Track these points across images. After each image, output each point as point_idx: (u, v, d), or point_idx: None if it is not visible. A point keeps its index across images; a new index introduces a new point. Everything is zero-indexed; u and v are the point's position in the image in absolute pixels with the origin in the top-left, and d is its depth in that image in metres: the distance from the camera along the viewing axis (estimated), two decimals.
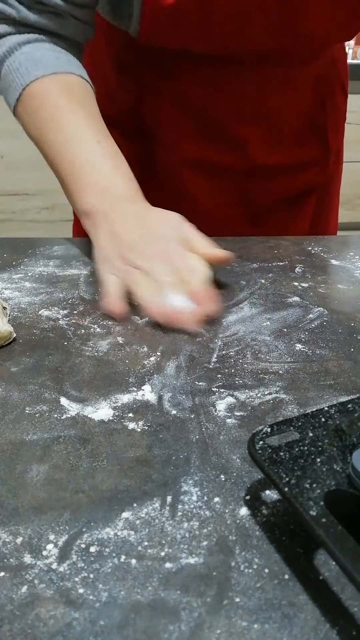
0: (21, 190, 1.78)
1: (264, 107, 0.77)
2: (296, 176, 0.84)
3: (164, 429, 0.40)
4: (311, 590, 0.29)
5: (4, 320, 0.51)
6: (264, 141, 0.79)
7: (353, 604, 0.28)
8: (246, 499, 0.34)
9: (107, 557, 0.31)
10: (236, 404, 0.43)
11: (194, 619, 0.27)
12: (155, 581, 0.29)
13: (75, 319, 0.55)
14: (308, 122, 0.81)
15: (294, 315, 0.56)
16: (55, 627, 0.27)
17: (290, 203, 0.87)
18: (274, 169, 0.82)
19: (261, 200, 0.84)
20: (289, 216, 0.87)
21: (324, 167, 0.86)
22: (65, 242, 0.73)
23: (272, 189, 0.84)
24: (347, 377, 0.46)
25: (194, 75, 0.73)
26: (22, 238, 0.74)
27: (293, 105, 0.78)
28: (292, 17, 0.65)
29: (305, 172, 0.85)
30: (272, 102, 0.76)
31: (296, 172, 0.84)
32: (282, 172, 0.83)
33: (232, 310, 0.56)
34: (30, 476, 0.36)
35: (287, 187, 0.85)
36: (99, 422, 0.41)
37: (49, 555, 0.31)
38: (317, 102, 0.80)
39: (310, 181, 0.86)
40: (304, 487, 0.30)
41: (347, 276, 0.64)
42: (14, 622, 0.27)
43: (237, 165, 0.80)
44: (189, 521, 0.33)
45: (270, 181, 0.83)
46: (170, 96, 0.76)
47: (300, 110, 0.79)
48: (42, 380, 0.45)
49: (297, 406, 0.43)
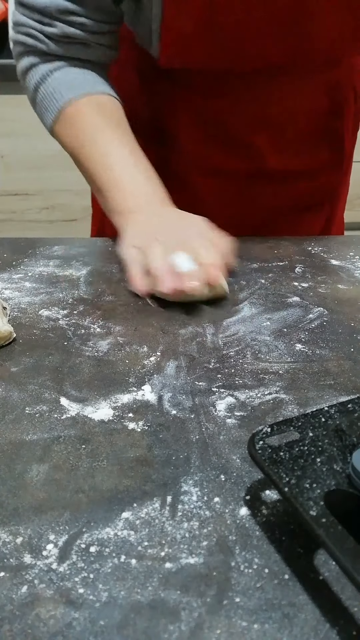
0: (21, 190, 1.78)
1: (277, 115, 0.77)
2: (310, 181, 0.85)
3: (164, 429, 0.40)
4: (311, 590, 0.29)
5: (4, 320, 0.51)
6: (277, 147, 0.80)
7: (353, 604, 0.28)
8: (246, 499, 0.34)
9: (107, 557, 0.31)
10: (236, 404, 0.43)
11: (194, 619, 0.27)
12: (155, 581, 0.29)
13: (75, 319, 0.55)
14: (322, 127, 0.81)
15: (294, 315, 0.56)
16: (55, 627, 0.27)
17: (303, 208, 0.87)
18: (287, 175, 0.83)
19: (274, 206, 0.85)
20: (302, 221, 0.87)
21: (339, 171, 0.86)
22: (65, 242, 0.73)
23: (285, 194, 0.85)
24: (347, 377, 0.46)
25: (208, 86, 0.76)
26: (22, 238, 0.74)
27: (307, 112, 0.79)
28: (304, 34, 0.67)
29: (319, 176, 0.85)
30: (285, 109, 0.77)
31: (310, 177, 0.84)
32: (296, 177, 0.83)
33: (232, 310, 0.56)
34: (30, 476, 0.36)
35: (301, 192, 0.85)
36: (99, 422, 0.41)
37: (49, 555, 0.31)
38: (332, 108, 0.80)
39: (324, 185, 0.86)
40: (304, 487, 0.30)
41: (347, 276, 0.64)
42: (14, 622, 0.27)
43: (251, 171, 0.81)
44: (189, 521, 0.33)
45: (283, 186, 0.84)
46: (185, 106, 0.79)
47: (314, 117, 0.80)
48: (42, 380, 0.45)
49: (297, 406, 0.43)
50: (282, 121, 0.78)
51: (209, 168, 0.82)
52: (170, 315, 0.55)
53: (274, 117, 0.77)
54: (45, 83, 0.70)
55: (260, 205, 0.85)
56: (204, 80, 0.75)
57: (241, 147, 0.79)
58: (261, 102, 0.76)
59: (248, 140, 0.79)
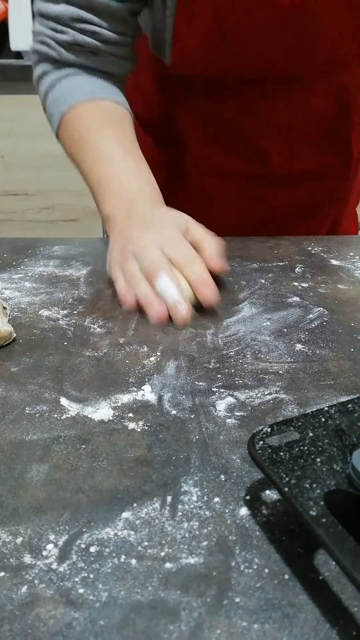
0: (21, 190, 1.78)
1: (285, 119, 0.78)
2: (317, 184, 0.85)
3: (164, 429, 0.40)
4: (311, 590, 0.29)
5: (4, 320, 0.51)
6: (285, 151, 0.80)
7: (353, 604, 0.28)
8: (246, 499, 0.34)
9: (107, 557, 0.31)
10: (236, 404, 0.43)
11: (194, 619, 0.27)
12: (155, 581, 0.29)
13: (75, 319, 0.55)
14: (331, 131, 0.81)
15: (294, 315, 0.56)
16: (55, 627, 0.27)
17: (311, 211, 0.87)
18: (294, 178, 0.83)
19: (281, 208, 0.85)
20: (308, 224, 0.87)
21: (346, 174, 0.86)
22: (65, 242, 0.73)
23: (292, 197, 0.85)
24: (347, 377, 0.46)
25: (217, 91, 0.77)
26: (22, 238, 0.74)
27: (315, 116, 0.79)
28: (304, 35, 0.68)
29: (327, 179, 0.85)
30: (293, 114, 0.78)
31: (317, 180, 0.84)
32: (303, 180, 0.84)
33: (232, 310, 0.56)
34: (30, 476, 0.36)
35: (308, 195, 0.86)
36: (99, 422, 0.41)
37: (49, 555, 0.31)
38: (341, 112, 0.80)
39: (331, 189, 0.87)
40: (304, 487, 0.30)
41: (347, 276, 0.64)
42: (14, 622, 0.27)
43: (259, 173, 0.82)
44: (189, 521, 0.33)
45: (290, 189, 0.84)
46: (194, 107, 0.79)
47: (323, 121, 0.80)
48: (42, 380, 0.45)
49: (297, 406, 0.43)
50: (289, 125, 0.79)
51: (215, 169, 0.82)
52: None
53: (282, 122, 0.78)
54: (54, 90, 0.71)
55: (265, 206, 0.85)
56: (213, 85, 0.75)
57: (248, 149, 0.80)
58: (269, 106, 0.76)
59: (256, 143, 0.79)
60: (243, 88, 0.74)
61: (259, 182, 0.83)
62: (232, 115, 0.77)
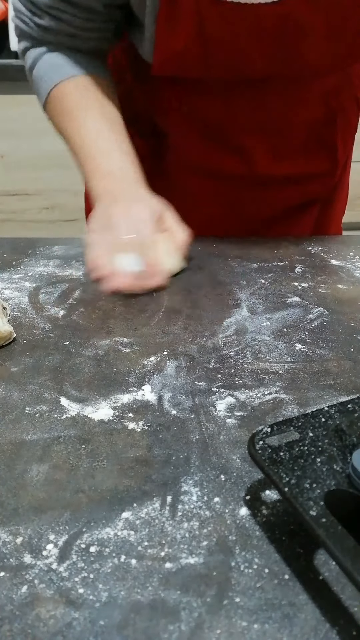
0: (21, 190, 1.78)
1: (270, 120, 0.77)
2: (301, 187, 0.84)
3: (164, 429, 0.40)
4: (311, 590, 0.29)
5: (4, 320, 0.51)
6: (269, 152, 0.80)
7: (353, 604, 0.28)
8: (246, 499, 0.34)
9: (107, 557, 0.31)
10: (236, 404, 0.43)
11: (194, 619, 0.27)
12: (155, 581, 0.29)
13: (75, 319, 0.55)
14: (316, 135, 0.81)
15: (294, 315, 0.56)
16: (55, 627, 0.27)
17: (293, 212, 0.87)
18: (279, 180, 0.82)
19: (264, 209, 0.85)
20: (290, 225, 0.87)
21: (331, 178, 0.86)
22: (65, 242, 0.73)
23: (275, 199, 0.84)
24: (347, 377, 0.46)
25: (200, 90, 0.76)
26: (22, 238, 0.74)
27: (300, 119, 0.78)
28: (291, 51, 0.67)
29: (311, 183, 0.85)
30: (278, 115, 0.77)
31: (302, 183, 0.84)
32: (287, 183, 0.83)
33: (232, 310, 0.56)
34: (30, 476, 0.36)
35: (291, 198, 0.85)
36: (99, 422, 0.41)
37: (49, 555, 0.31)
38: (327, 117, 0.80)
39: (315, 192, 0.86)
40: (304, 487, 0.30)
41: (347, 276, 0.64)
42: (14, 622, 0.27)
43: (242, 174, 0.81)
44: (189, 521, 0.33)
45: (274, 191, 0.84)
46: (178, 106, 0.79)
47: (309, 124, 0.79)
48: (42, 380, 0.45)
49: (297, 406, 0.43)
50: (275, 126, 0.78)
51: (197, 165, 0.82)
52: (170, 315, 0.55)
53: (267, 122, 0.77)
54: (37, 66, 0.73)
55: (248, 207, 0.84)
56: (195, 82, 0.75)
57: (233, 148, 0.79)
58: (255, 106, 0.76)
59: (240, 143, 0.79)
60: (226, 87, 0.74)
61: (242, 182, 0.82)
62: (214, 110, 0.77)
